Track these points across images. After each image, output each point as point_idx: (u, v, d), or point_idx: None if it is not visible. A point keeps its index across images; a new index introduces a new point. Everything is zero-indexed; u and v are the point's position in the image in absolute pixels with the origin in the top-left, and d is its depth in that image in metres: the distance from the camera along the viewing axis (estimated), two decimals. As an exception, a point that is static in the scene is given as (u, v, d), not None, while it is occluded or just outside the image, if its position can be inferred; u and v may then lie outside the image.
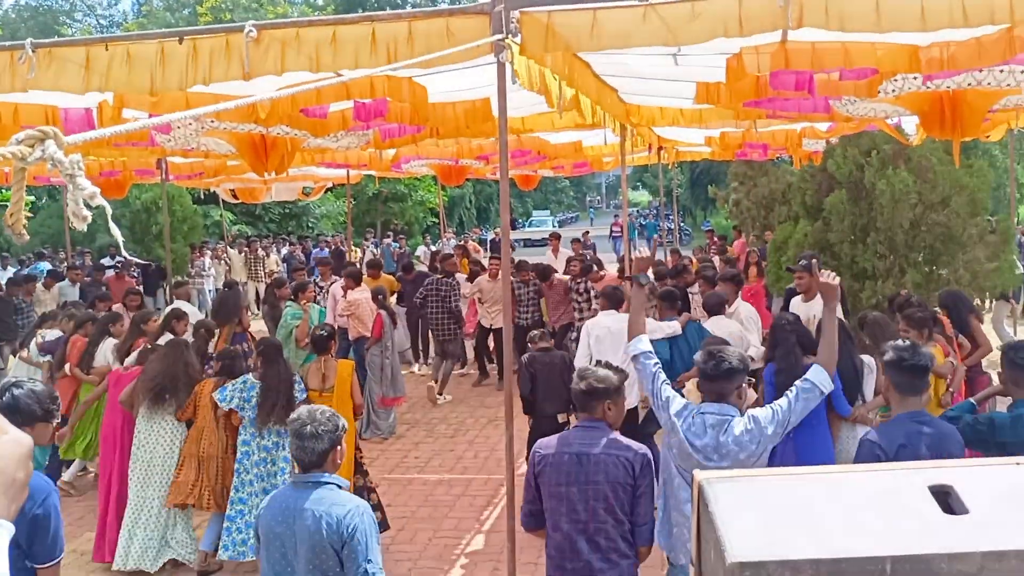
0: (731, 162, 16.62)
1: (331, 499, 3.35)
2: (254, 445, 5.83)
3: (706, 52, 5.65)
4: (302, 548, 3.29)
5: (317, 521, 3.27)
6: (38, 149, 1.29)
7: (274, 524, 3.38)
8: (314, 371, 6.33)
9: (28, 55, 4.92)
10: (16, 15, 48.08)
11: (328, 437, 3.41)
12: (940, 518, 1.82)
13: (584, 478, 3.65)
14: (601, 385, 3.75)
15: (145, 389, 6.05)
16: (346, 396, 6.18)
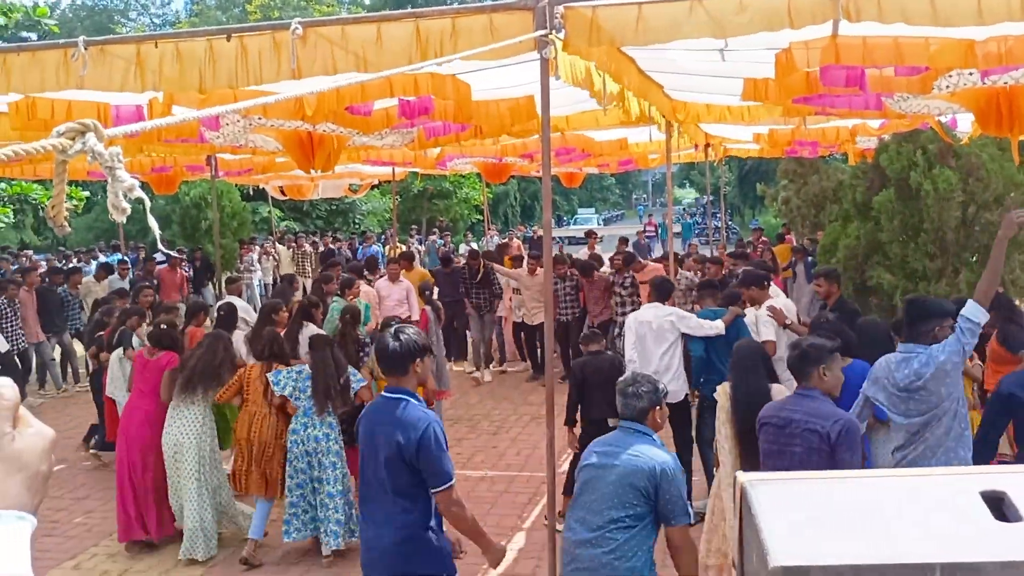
0: (780, 159, 16.38)
1: (648, 451, 3.73)
2: (303, 435, 5.98)
3: (754, 47, 5.57)
4: (611, 477, 3.69)
5: (632, 461, 3.68)
6: (78, 142, 1.29)
7: (598, 458, 3.82)
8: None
9: (81, 52, 5.02)
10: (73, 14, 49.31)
11: (648, 397, 3.88)
12: (993, 525, 1.76)
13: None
14: (814, 351, 4.13)
15: (180, 378, 6.24)
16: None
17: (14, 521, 0.77)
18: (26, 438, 0.81)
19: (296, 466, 6.00)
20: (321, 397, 5.96)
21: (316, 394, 5.97)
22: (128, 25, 48.10)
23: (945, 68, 5.52)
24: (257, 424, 6.16)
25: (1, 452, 0.79)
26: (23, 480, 0.79)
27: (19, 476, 0.79)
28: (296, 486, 6.00)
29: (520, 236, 26.80)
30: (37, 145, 1.31)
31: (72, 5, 51.91)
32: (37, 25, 20.40)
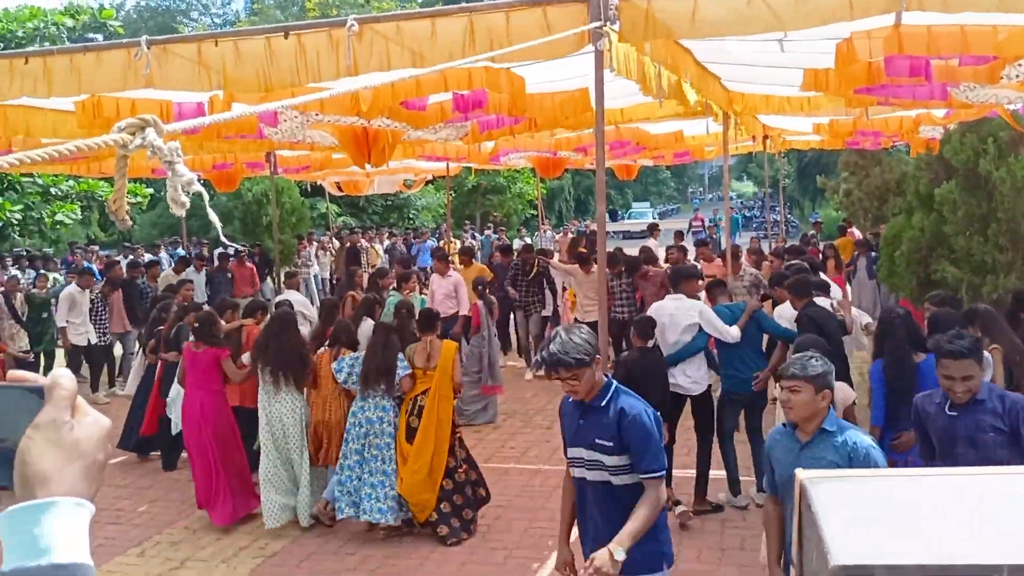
0: (841, 151, 16.05)
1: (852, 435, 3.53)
2: (361, 417, 6.28)
3: (814, 37, 5.46)
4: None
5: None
6: (138, 137, 1.32)
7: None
8: (420, 350, 6.50)
9: (144, 52, 5.15)
10: (137, 15, 50.60)
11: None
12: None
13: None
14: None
15: (264, 362, 6.53)
16: (447, 377, 6.40)
17: (73, 508, 0.79)
18: (84, 427, 0.83)
19: (351, 446, 6.27)
20: (363, 379, 6.25)
21: (362, 376, 6.27)
22: (190, 25, 49.18)
23: (1014, 57, 5.34)
24: (330, 405, 6.56)
25: (60, 440, 0.81)
26: (81, 468, 0.81)
27: (77, 464, 0.81)
28: (348, 466, 6.26)
29: (574, 231, 26.74)
30: (99, 140, 1.34)
31: (136, 6, 53.26)
32: (103, 27, 20.98)
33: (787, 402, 3.52)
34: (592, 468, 3.51)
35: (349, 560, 6.07)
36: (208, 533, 6.57)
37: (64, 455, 0.80)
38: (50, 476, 0.79)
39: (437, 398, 6.28)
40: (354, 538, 6.37)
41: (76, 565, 0.76)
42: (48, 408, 0.82)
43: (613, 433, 3.42)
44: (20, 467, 0.80)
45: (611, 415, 3.44)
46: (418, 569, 5.89)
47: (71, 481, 0.80)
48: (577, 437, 3.56)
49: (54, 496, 0.78)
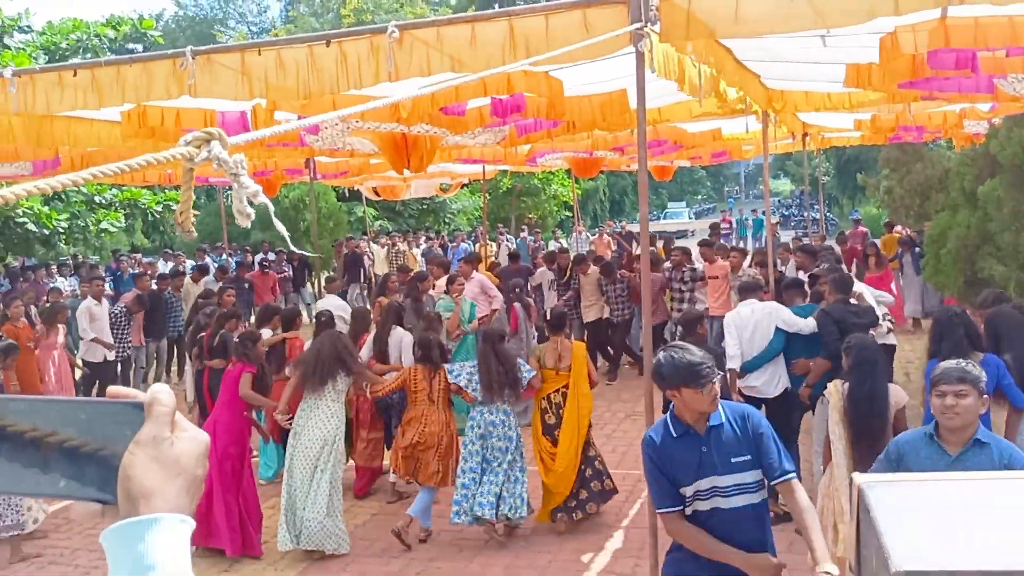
0: (882, 147, 15.81)
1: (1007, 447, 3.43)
2: (480, 420, 6.33)
3: (857, 32, 5.38)
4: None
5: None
6: (204, 150, 1.34)
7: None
8: (550, 351, 6.65)
9: (188, 62, 5.22)
10: (175, 25, 51.40)
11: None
12: None
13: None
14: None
15: (310, 376, 6.37)
16: (583, 375, 6.52)
17: (176, 524, 0.80)
18: (183, 442, 0.84)
19: (470, 449, 6.31)
20: (486, 389, 6.26)
21: (482, 386, 6.29)
22: (227, 33, 49.84)
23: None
24: (426, 420, 6.45)
25: (161, 456, 0.82)
26: (182, 484, 0.82)
27: (179, 480, 0.82)
28: (469, 468, 6.27)
29: (610, 232, 26.65)
30: (167, 154, 1.36)
31: (174, 16, 54.12)
32: (143, 37, 21.35)
33: (953, 407, 3.31)
34: (731, 494, 3.26)
35: (394, 564, 6.11)
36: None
37: (166, 471, 0.82)
38: (153, 492, 0.80)
39: (576, 395, 6.44)
40: (398, 542, 6.40)
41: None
42: (149, 424, 0.83)
43: (746, 446, 3.23)
44: (123, 483, 0.81)
45: (735, 427, 3.25)
46: (462, 572, 5.92)
47: (173, 497, 0.81)
48: (704, 468, 3.25)
49: (157, 512, 0.79)
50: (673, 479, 3.31)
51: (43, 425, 0.85)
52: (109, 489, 0.83)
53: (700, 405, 3.21)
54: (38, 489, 0.87)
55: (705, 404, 3.21)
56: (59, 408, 0.87)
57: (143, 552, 0.77)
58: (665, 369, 3.22)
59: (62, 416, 0.86)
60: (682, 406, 3.27)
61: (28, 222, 17.05)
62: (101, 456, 0.84)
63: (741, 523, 3.29)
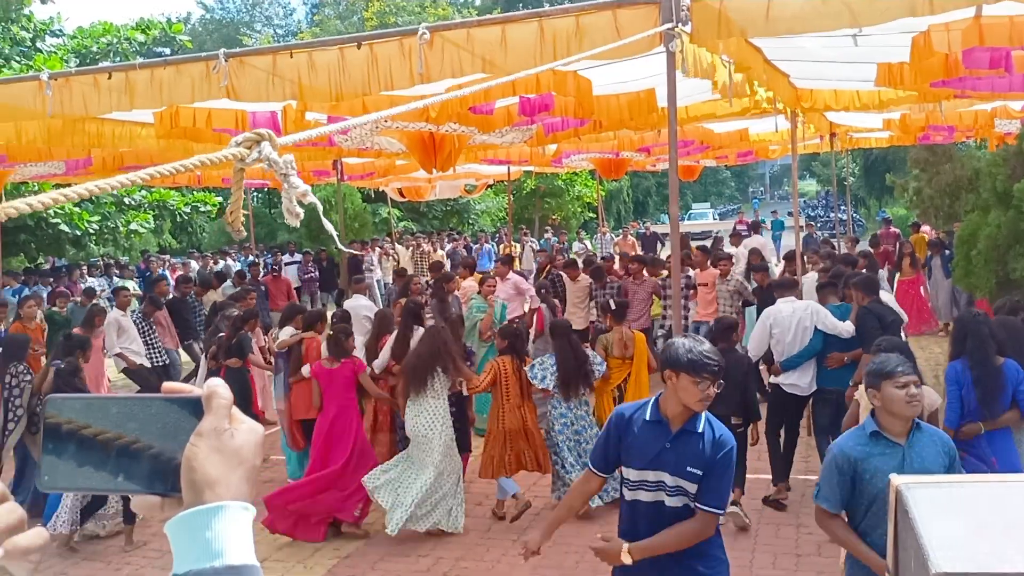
0: (910, 147, 15.66)
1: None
2: (571, 416, 6.54)
3: (889, 31, 5.35)
4: None
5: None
6: (255, 151, 1.36)
7: None
8: (617, 341, 7.04)
9: (221, 65, 5.29)
10: (202, 28, 51.90)
11: None
12: None
13: None
14: None
15: (415, 373, 6.45)
16: (644, 363, 6.86)
17: (240, 511, 0.82)
18: (242, 434, 0.87)
19: (564, 443, 6.50)
20: (564, 384, 6.41)
21: (560, 381, 6.41)
22: (254, 36, 50.24)
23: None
24: (523, 410, 6.55)
25: (223, 447, 0.85)
26: (243, 473, 0.85)
27: (240, 469, 0.85)
28: (570, 463, 6.46)
29: (634, 233, 26.60)
30: (220, 155, 1.38)
31: (201, 19, 54.66)
32: (172, 40, 21.60)
33: (916, 395, 3.35)
34: (673, 494, 3.29)
35: (422, 562, 6.13)
36: (284, 534, 6.71)
37: (227, 461, 0.84)
38: (217, 481, 0.82)
39: (638, 383, 6.73)
40: (426, 540, 6.43)
41: (247, 567, 0.80)
42: (209, 417, 0.86)
43: (705, 461, 3.22)
44: (187, 473, 0.83)
45: (707, 442, 3.24)
46: (490, 571, 5.93)
47: (236, 485, 0.83)
48: (657, 461, 3.29)
49: (222, 500, 0.82)
50: (619, 454, 3.39)
51: (100, 422, 0.87)
52: (167, 482, 0.86)
53: (689, 398, 3.19)
54: (98, 484, 0.89)
55: (694, 399, 3.19)
56: (116, 405, 0.89)
57: (210, 539, 0.79)
58: (675, 350, 3.22)
59: (119, 413, 0.88)
60: (671, 393, 3.26)
61: (61, 223, 17.32)
62: (158, 450, 0.87)
63: (671, 523, 3.33)
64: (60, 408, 0.89)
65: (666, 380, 3.27)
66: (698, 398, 3.17)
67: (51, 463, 0.87)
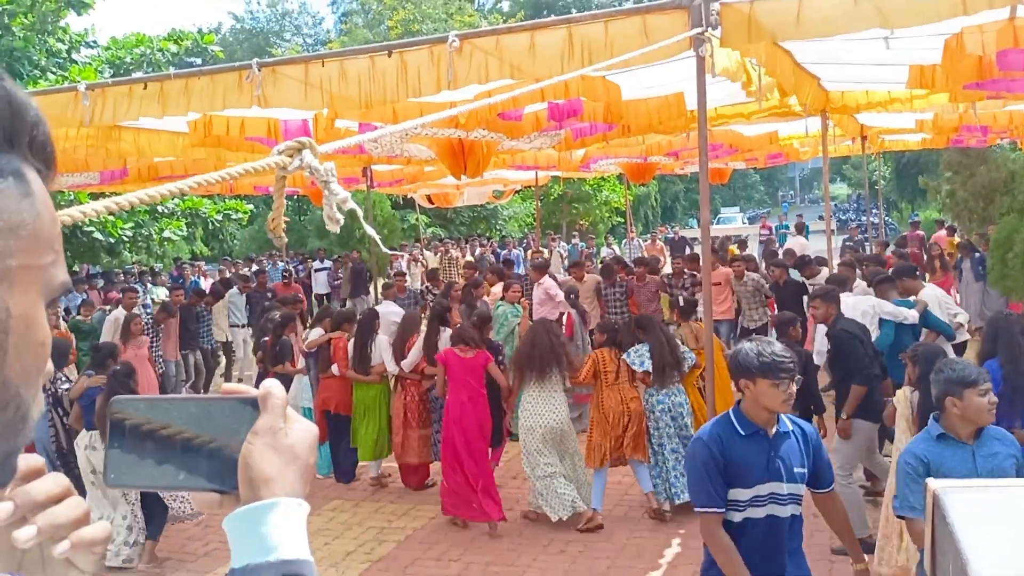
0: (943, 150, 15.47)
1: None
2: (668, 404, 6.77)
3: (921, 34, 5.30)
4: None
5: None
6: (296, 159, 1.39)
7: None
8: (688, 335, 7.48)
9: (255, 74, 5.36)
10: (233, 38, 52.51)
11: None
12: None
13: None
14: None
15: (529, 368, 6.71)
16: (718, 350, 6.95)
17: (295, 507, 0.84)
18: (296, 432, 0.89)
19: (661, 430, 6.73)
20: (660, 372, 6.68)
21: (656, 369, 6.68)
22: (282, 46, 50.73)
23: None
24: (625, 399, 6.76)
25: (278, 445, 0.87)
26: (297, 470, 0.87)
27: (294, 467, 0.87)
28: (670, 449, 6.73)
29: (662, 237, 26.48)
30: (262, 163, 1.41)
31: (232, 29, 55.31)
32: (204, 51, 21.86)
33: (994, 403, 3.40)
34: (787, 503, 3.22)
35: (453, 567, 6.16)
36: (316, 538, 6.75)
37: (282, 459, 0.86)
38: (272, 478, 0.85)
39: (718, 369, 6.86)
40: (457, 544, 6.46)
41: (301, 561, 0.82)
42: (265, 416, 0.88)
43: (805, 457, 3.21)
44: (244, 471, 0.86)
45: (798, 439, 3.23)
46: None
47: (291, 482, 0.85)
48: (769, 472, 3.18)
49: (277, 496, 0.84)
50: (729, 480, 3.21)
51: (163, 420, 0.90)
52: (225, 479, 0.88)
53: (773, 402, 3.12)
54: (160, 482, 0.93)
55: (778, 401, 3.11)
56: (177, 405, 0.93)
57: (266, 534, 0.82)
58: (746, 357, 3.14)
59: (181, 412, 0.91)
60: (753, 401, 3.18)
61: (95, 231, 17.58)
62: (216, 448, 0.89)
63: (789, 532, 3.27)
64: (125, 407, 0.92)
65: (743, 389, 3.21)
66: (782, 399, 3.12)
67: (117, 460, 0.90)
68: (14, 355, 0.68)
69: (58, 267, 0.74)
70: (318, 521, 7.10)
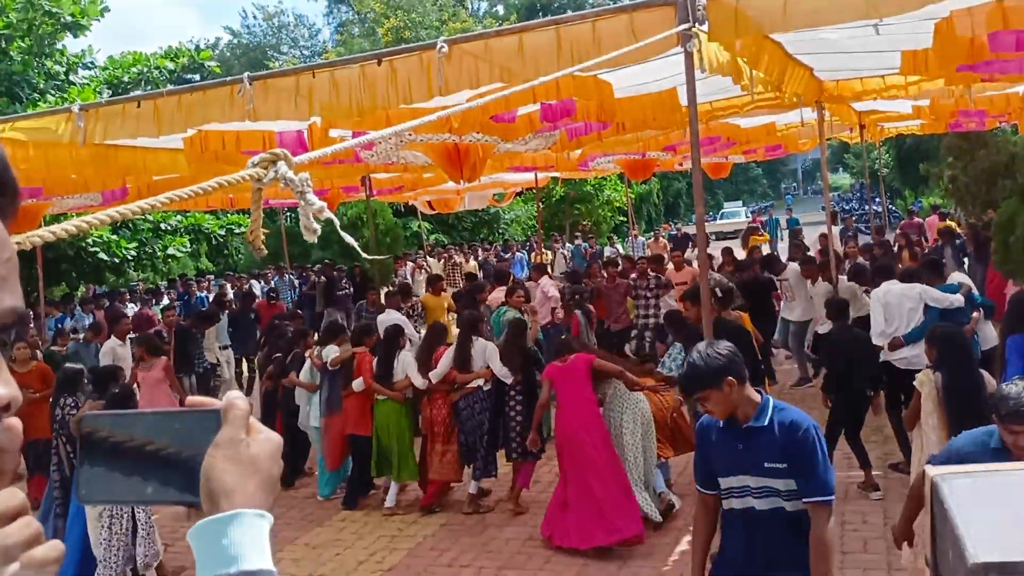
0: (943, 136, 15.43)
1: None
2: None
3: (911, 19, 5.29)
4: None
5: None
6: (271, 170, 1.40)
7: None
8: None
9: (246, 88, 5.38)
10: (230, 53, 52.68)
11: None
12: None
13: None
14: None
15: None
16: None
17: (255, 519, 0.85)
18: (258, 443, 0.90)
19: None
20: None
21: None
22: (279, 59, 50.88)
23: None
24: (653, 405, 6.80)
25: (239, 457, 0.87)
26: (259, 482, 0.87)
27: (256, 478, 0.87)
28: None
29: (665, 235, 26.45)
30: (236, 176, 1.42)
31: (229, 44, 55.48)
32: (201, 67, 21.94)
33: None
34: (761, 496, 3.19)
35: (464, 572, 6.15)
36: (328, 549, 6.77)
37: (243, 470, 0.87)
38: (233, 490, 0.85)
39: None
40: (468, 550, 6.45)
41: (263, 571, 0.82)
42: (226, 427, 0.88)
43: (784, 453, 3.11)
44: (205, 483, 0.86)
45: (777, 433, 3.14)
46: (533, 579, 5.93)
47: (251, 494, 0.86)
48: (737, 464, 3.21)
49: (237, 508, 0.84)
50: (712, 466, 3.35)
51: (129, 433, 0.91)
52: (193, 492, 0.89)
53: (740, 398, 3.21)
54: (128, 496, 0.93)
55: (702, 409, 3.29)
56: (142, 420, 0.93)
57: (226, 546, 0.82)
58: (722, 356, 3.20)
59: (145, 427, 0.92)
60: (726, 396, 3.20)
61: (99, 251, 17.65)
62: (183, 461, 0.90)
63: (773, 527, 3.20)
64: (93, 423, 0.92)
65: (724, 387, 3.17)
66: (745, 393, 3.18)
67: (86, 477, 0.91)
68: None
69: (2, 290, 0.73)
70: (328, 532, 7.12)
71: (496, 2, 54.17)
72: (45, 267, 13.10)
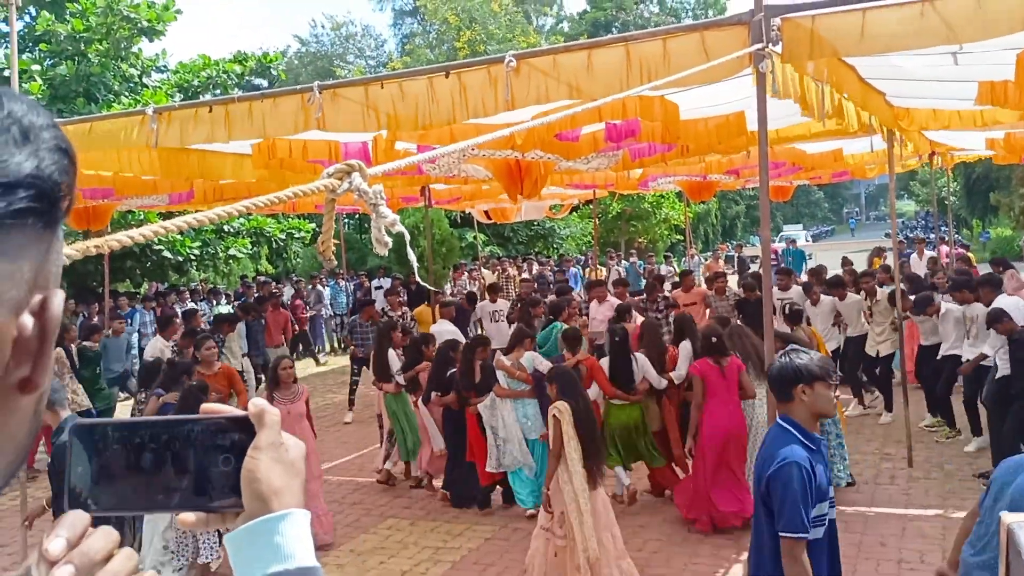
0: (1016, 165, 14.98)
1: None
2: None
3: (991, 48, 5.14)
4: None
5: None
6: (346, 181, 1.39)
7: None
8: (803, 336, 7.73)
9: (316, 97, 5.45)
10: (298, 61, 53.65)
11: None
12: None
13: None
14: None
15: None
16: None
17: (304, 518, 0.88)
18: (293, 448, 0.93)
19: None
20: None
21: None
22: (346, 68, 51.65)
23: None
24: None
25: (282, 459, 0.90)
26: (300, 483, 0.91)
27: (297, 480, 0.91)
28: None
29: (723, 256, 26.14)
30: (311, 186, 1.42)
31: (297, 52, 56.53)
32: (267, 71, 22.35)
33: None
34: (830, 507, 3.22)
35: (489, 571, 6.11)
36: (373, 556, 6.78)
37: (287, 472, 0.90)
38: (282, 490, 0.88)
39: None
40: (512, 566, 6.39)
41: (315, 568, 0.85)
42: (265, 431, 0.90)
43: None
44: (251, 484, 0.88)
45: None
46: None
47: (297, 494, 0.89)
48: (824, 489, 3.11)
49: (288, 508, 0.87)
50: (811, 499, 3.07)
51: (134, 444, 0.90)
52: (213, 497, 0.90)
53: (827, 404, 3.13)
54: (152, 506, 0.92)
55: (830, 403, 3.13)
56: (162, 427, 0.91)
57: (280, 544, 0.85)
58: (801, 363, 3.13)
59: (151, 433, 0.90)
60: (807, 409, 3.12)
61: (164, 250, 18.07)
62: (203, 467, 0.90)
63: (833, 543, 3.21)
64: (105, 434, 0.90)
65: (798, 398, 3.12)
66: (832, 401, 3.15)
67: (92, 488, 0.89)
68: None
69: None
70: (374, 540, 7.13)
71: (562, 19, 54.34)
72: (111, 263, 13.37)
